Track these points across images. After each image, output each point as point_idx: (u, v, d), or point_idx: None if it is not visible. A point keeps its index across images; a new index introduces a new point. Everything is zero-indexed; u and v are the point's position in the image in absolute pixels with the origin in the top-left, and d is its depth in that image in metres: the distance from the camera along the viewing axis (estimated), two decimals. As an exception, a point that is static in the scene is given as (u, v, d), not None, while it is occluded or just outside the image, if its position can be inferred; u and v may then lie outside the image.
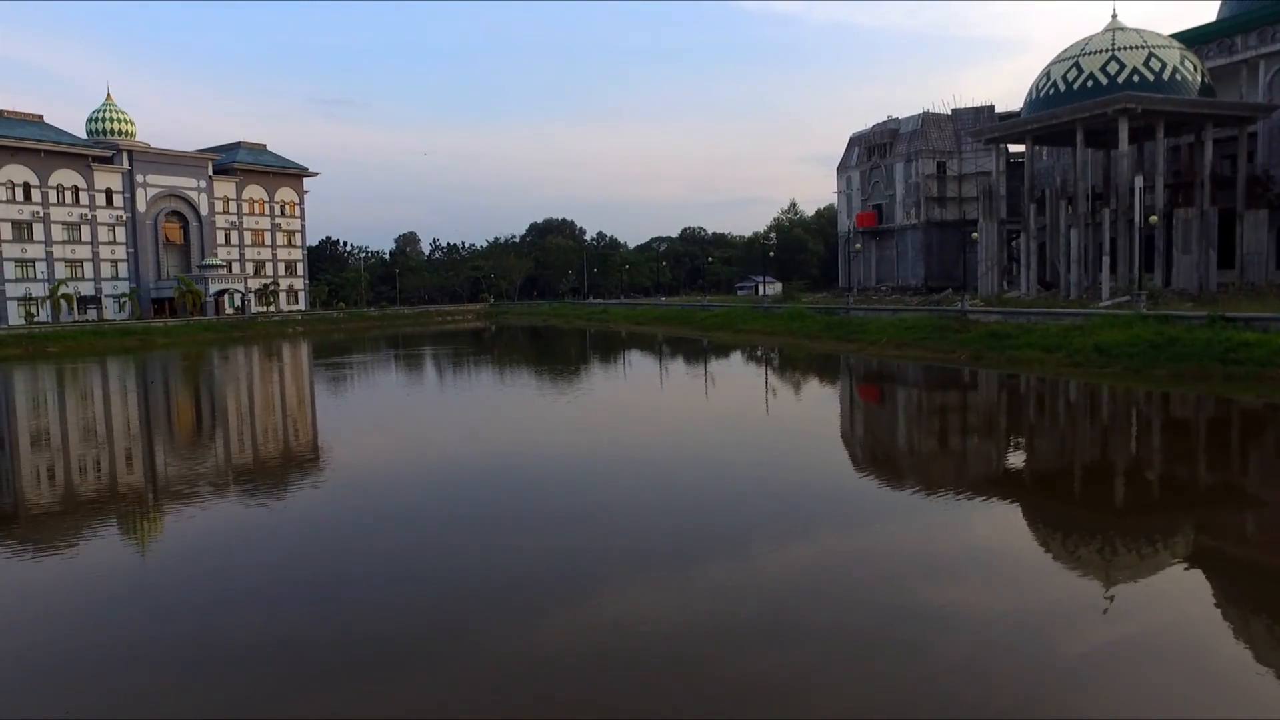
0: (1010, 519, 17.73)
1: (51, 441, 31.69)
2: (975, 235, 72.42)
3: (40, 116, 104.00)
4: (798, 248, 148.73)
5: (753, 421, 31.22)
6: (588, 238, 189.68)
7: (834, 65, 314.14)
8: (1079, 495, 20.00)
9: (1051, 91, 64.42)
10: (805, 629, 11.91)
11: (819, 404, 37.28)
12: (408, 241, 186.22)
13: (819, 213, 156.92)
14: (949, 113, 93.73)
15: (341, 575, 14.99)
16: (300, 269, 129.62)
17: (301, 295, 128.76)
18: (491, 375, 53.11)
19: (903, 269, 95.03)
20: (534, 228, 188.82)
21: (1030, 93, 67.95)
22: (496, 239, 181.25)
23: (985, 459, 24.62)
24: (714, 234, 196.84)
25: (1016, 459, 25.01)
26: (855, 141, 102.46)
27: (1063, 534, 16.81)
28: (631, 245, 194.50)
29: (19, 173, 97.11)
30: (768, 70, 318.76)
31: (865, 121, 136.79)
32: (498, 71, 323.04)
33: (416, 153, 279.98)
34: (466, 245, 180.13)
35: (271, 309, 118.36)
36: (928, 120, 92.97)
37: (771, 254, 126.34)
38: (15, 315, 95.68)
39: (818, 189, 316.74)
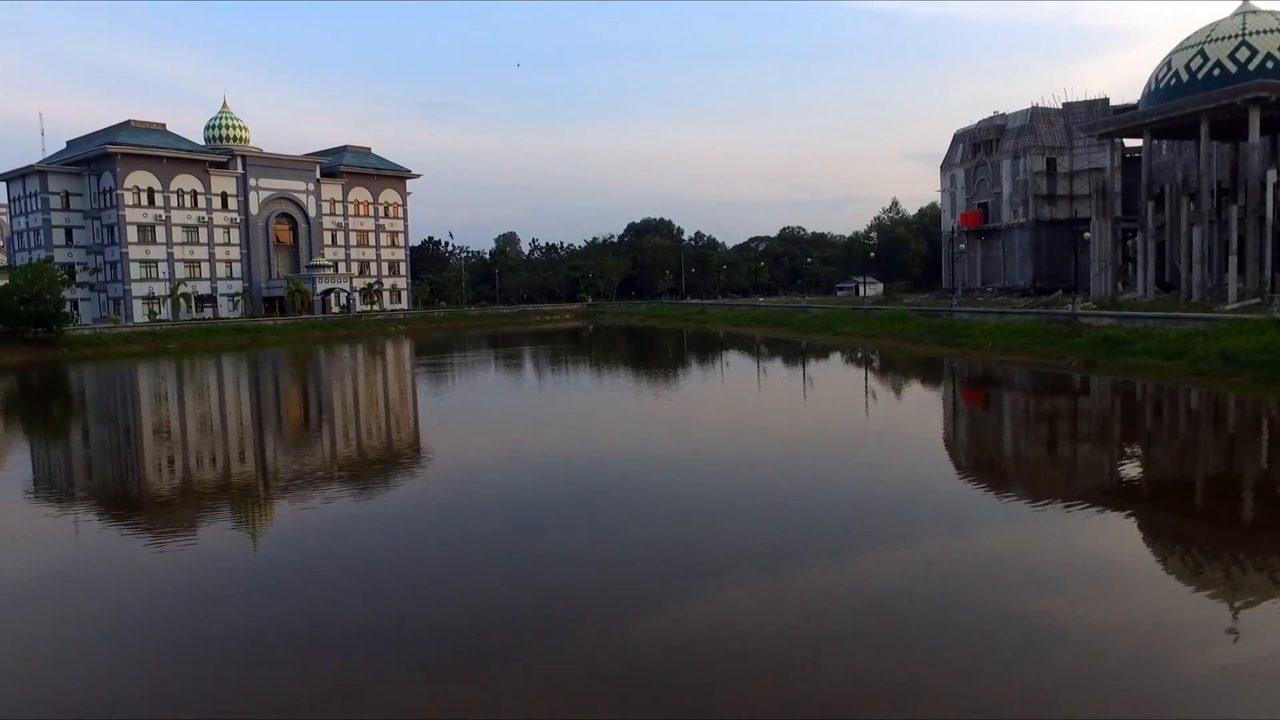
0: (1125, 531, 16.92)
1: (171, 433, 33.24)
2: (1087, 235, 69.62)
3: (163, 125, 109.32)
4: (899, 247, 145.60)
5: (852, 424, 30.66)
6: (685, 237, 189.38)
7: (937, 60, 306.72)
8: (1202, 510, 18.85)
9: (1173, 82, 61.46)
10: (906, 633, 11.58)
11: (921, 408, 36.38)
12: (508, 241, 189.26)
13: (921, 212, 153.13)
14: (1059, 107, 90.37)
15: (440, 567, 15.28)
16: (403, 269, 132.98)
17: (404, 294, 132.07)
18: (589, 374, 53.53)
19: (1009, 270, 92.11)
20: (632, 227, 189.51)
21: (1149, 84, 65.00)
22: (595, 239, 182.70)
23: (1098, 469, 23.55)
24: (813, 233, 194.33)
25: (1132, 470, 23.81)
26: (960, 138, 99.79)
27: (1183, 549, 15.93)
28: (729, 245, 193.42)
29: (144, 178, 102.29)
30: (868, 66, 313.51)
31: (970, 118, 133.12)
32: (595, 72, 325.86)
33: (517, 154, 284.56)
34: (565, 245, 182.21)
35: (375, 308, 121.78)
36: (1037, 115, 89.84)
37: (872, 254, 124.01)
38: (140, 313, 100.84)
39: (920, 187, 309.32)
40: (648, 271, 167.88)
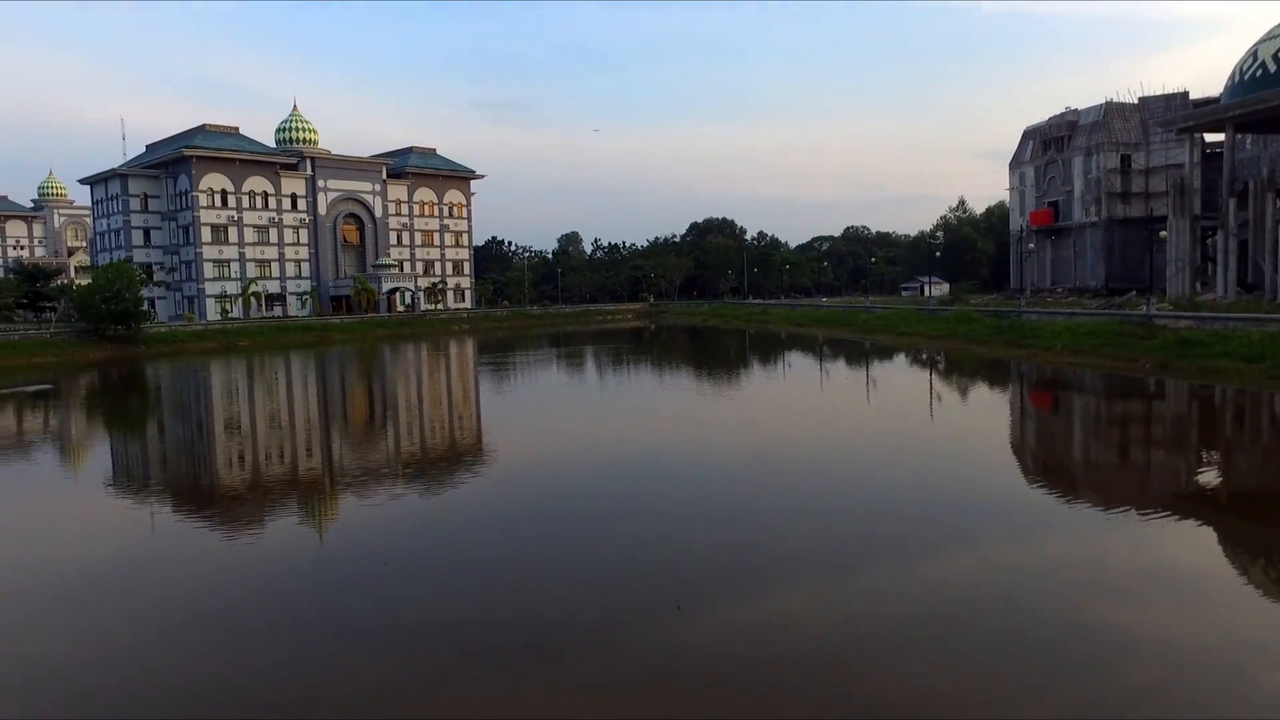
0: (1203, 541, 16.31)
1: (242, 428, 34.08)
2: (1163, 233, 67.49)
3: (236, 128, 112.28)
4: (966, 247, 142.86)
5: (916, 426, 30.16)
6: (748, 237, 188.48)
7: (1006, 55, 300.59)
8: (1283, 516, 18.21)
9: (1259, 73, 59.24)
10: (970, 640, 11.34)
11: (987, 411, 35.62)
12: (570, 241, 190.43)
13: (989, 210, 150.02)
14: (1135, 102, 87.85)
15: (503, 563, 15.40)
16: (467, 268, 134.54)
17: (468, 293, 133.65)
18: (650, 374, 53.56)
19: (1080, 270, 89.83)
20: (694, 227, 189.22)
21: (1232, 75, 62.77)
22: (657, 238, 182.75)
23: (1174, 475, 22.79)
24: (878, 233, 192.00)
25: (1211, 477, 22.93)
26: (1029, 135, 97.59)
27: (1266, 561, 15.31)
28: (792, 244, 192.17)
29: (218, 180, 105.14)
30: (935, 63, 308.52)
31: (1040, 114, 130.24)
32: (657, 72, 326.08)
33: (579, 154, 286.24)
34: (627, 245, 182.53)
35: (439, 307, 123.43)
36: (1111, 110, 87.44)
37: (938, 254, 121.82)
38: (212, 311, 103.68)
39: (988, 186, 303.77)
40: (710, 271, 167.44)
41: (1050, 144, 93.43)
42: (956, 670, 10.45)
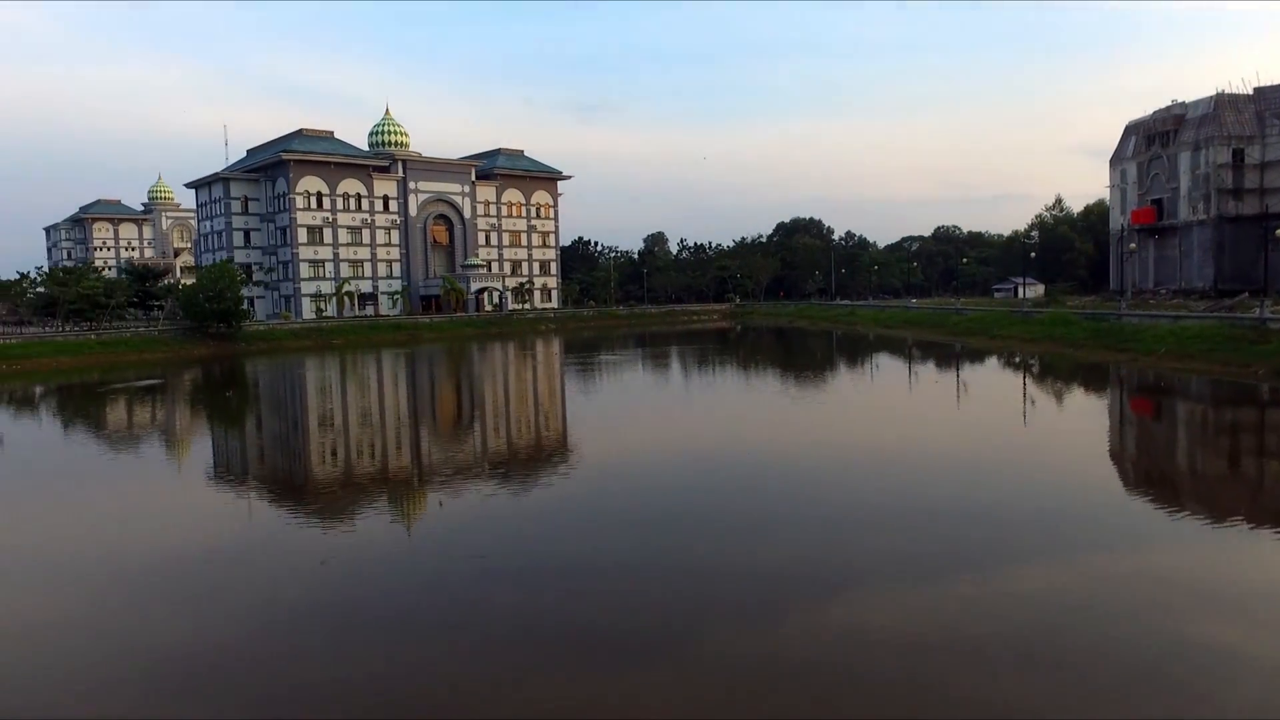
0: (1317, 554, 15.46)
1: (335, 424, 35.05)
2: None
3: (331, 132, 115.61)
4: (1063, 247, 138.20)
5: (1008, 432, 29.30)
6: (836, 237, 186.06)
7: (1106, 46, 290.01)
8: None
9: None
10: (1062, 654, 10.93)
11: (1084, 417, 34.34)
12: (656, 241, 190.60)
13: (1088, 209, 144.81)
14: (1249, 93, 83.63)
15: (584, 563, 15.48)
16: (554, 268, 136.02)
17: (554, 293, 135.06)
18: (736, 375, 53.27)
19: (1186, 270, 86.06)
20: (781, 227, 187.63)
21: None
22: (743, 239, 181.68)
23: (1286, 484, 21.67)
24: (969, 233, 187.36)
25: (1326, 486, 21.80)
26: (1131, 130, 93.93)
27: (1386, 576, 14.42)
28: (881, 245, 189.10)
29: (313, 183, 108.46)
30: (1029, 56, 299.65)
31: (1144, 107, 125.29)
32: (744, 72, 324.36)
33: (666, 154, 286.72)
34: (713, 245, 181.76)
35: (526, 306, 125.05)
36: (1222, 102, 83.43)
37: (1033, 254, 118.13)
38: (307, 310, 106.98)
39: (1087, 183, 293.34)
40: (797, 272, 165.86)
41: (1154, 139, 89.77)
42: (1044, 686, 10.10)
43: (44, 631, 12.98)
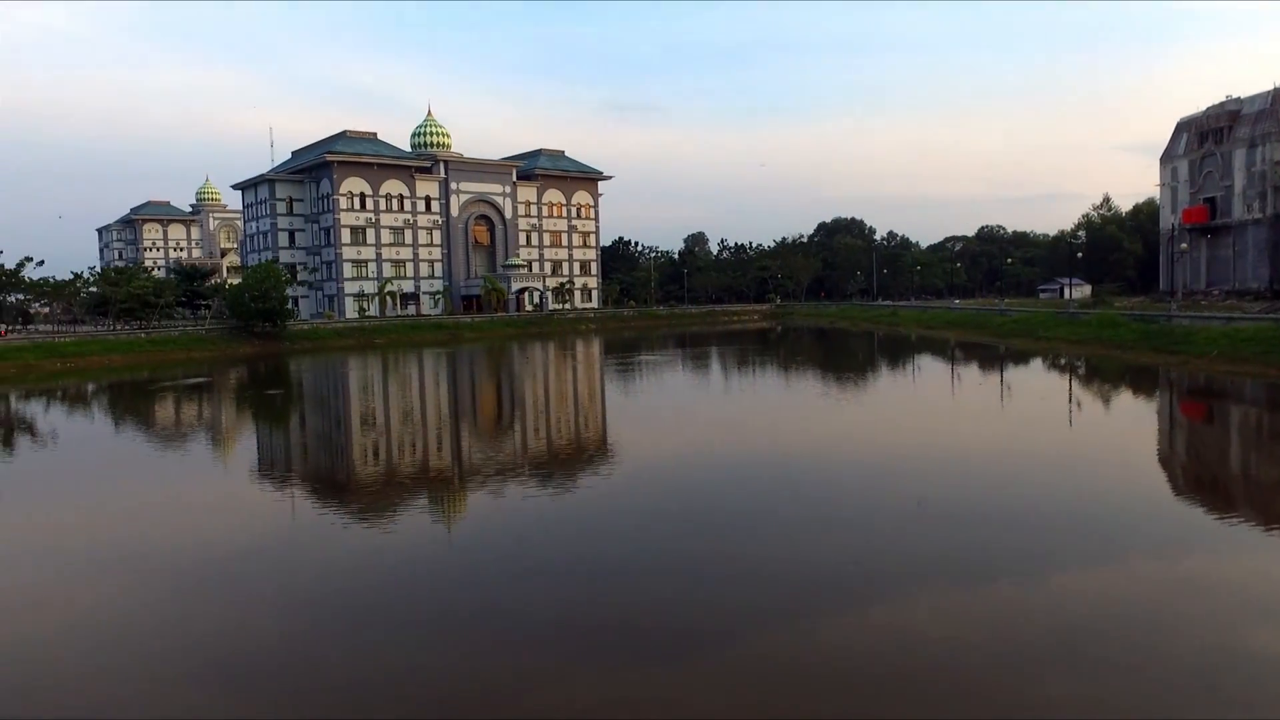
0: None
1: (376, 422, 35.40)
2: (1335, 232, 62.49)
3: (374, 134, 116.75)
4: (1110, 247, 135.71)
5: (1052, 435, 28.80)
6: (878, 237, 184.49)
7: (1157, 42, 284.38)
8: None
9: None
10: (1106, 659, 10.72)
11: (1132, 420, 33.64)
12: (696, 241, 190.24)
13: (1136, 208, 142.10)
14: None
15: (622, 563, 15.49)
16: (594, 268, 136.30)
17: (594, 294, 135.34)
18: (776, 376, 53.00)
19: (1240, 271, 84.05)
20: (822, 227, 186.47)
21: None
22: (784, 239, 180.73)
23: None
24: (1014, 232, 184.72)
25: (1385, 492, 21.15)
26: (1183, 127, 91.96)
27: None
28: (923, 245, 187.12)
29: (357, 184, 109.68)
30: (1077, 52, 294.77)
31: (1196, 104, 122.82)
32: (784, 70, 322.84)
33: (706, 154, 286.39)
34: (754, 245, 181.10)
35: (567, 306, 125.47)
36: (1279, 98, 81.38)
37: (1079, 254, 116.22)
38: (350, 309, 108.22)
39: (1136, 182, 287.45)
40: (838, 272, 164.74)
41: (1207, 136, 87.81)
42: (1088, 691, 9.89)
43: (95, 623, 13.24)
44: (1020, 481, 21.42)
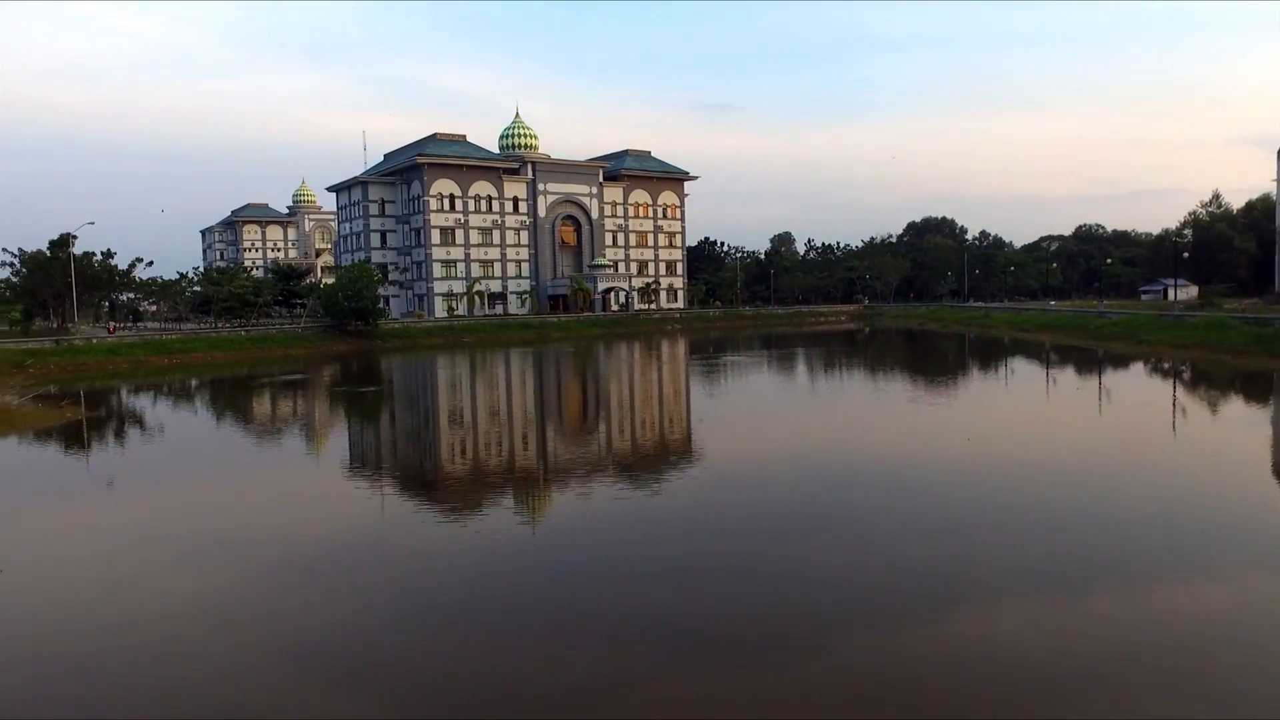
0: None
1: (464, 420, 35.97)
2: None
3: (464, 136, 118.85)
4: (1220, 246, 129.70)
5: (1153, 443, 27.64)
6: (969, 237, 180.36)
7: (1273, 30, 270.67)
8: None
9: None
10: (1206, 679, 10.29)
11: (1243, 428, 31.92)
12: (782, 241, 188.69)
13: (1250, 204, 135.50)
14: None
15: (706, 567, 15.37)
16: (679, 269, 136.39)
17: (680, 294, 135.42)
18: (863, 379, 52.16)
19: (1361, 271, 79.46)
20: (912, 227, 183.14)
21: None
22: (872, 239, 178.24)
23: None
24: (1114, 231, 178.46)
25: None
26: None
27: None
28: (1017, 244, 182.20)
29: (447, 186, 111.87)
30: (1181, 43, 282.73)
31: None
32: (871, 67, 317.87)
33: (792, 153, 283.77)
34: (841, 245, 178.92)
35: (652, 306, 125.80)
36: (1404, 92, 76.66)
37: (1185, 254, 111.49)
38: (439, 309, 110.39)
39: (1250, 176, 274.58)
40: (927, 272, 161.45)
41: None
42: (1185, 712, 9.42)
43: (195, 609, 13.71)
44: (1119, 490, 20.58)
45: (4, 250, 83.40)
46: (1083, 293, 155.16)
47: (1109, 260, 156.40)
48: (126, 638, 12.60)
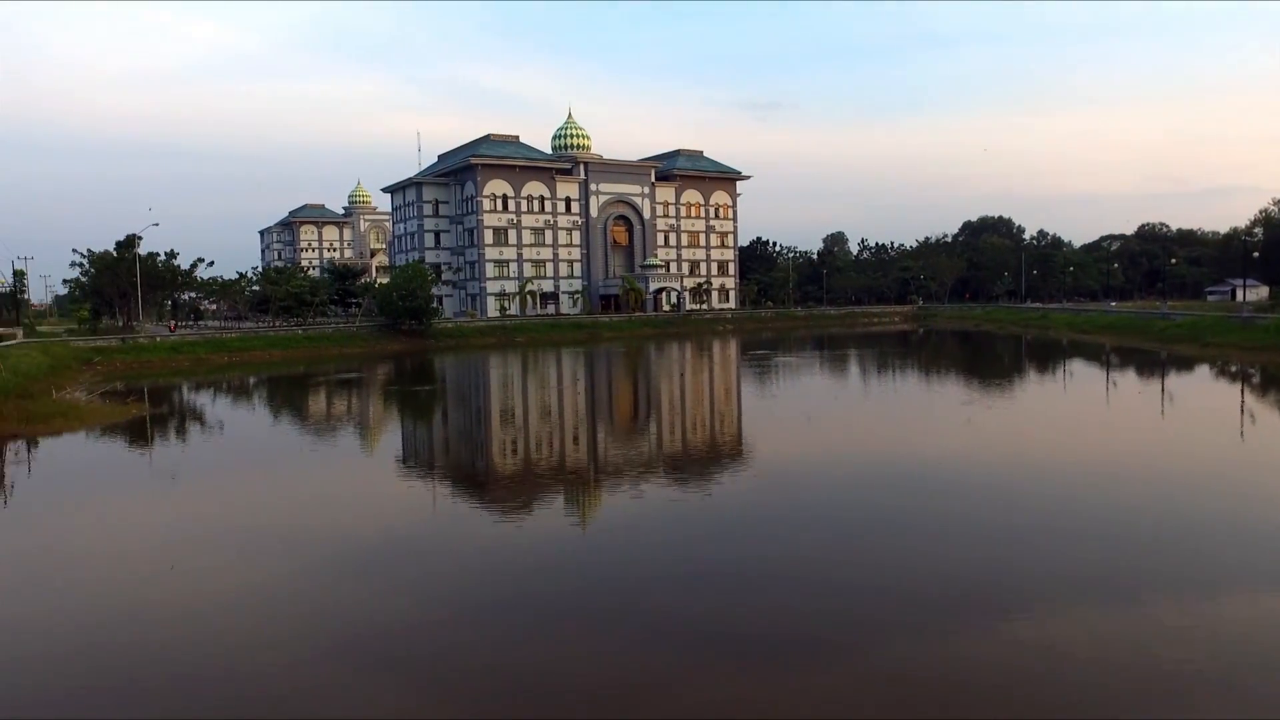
0: None
1: (515, 419, 36.23)
2: None
3: (516, 137, 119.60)
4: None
5: (1221, 449, 26.87)
6: (1026, 236, 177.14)
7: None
8: None
9: None
10: (1271, 693, 9.92)
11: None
12: (835, 241, 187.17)
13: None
14: None
15: (755, 568, 15.34)
16: (731, 269, 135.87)
17: (732, 294, 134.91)
18: (916, 381, 51.52)
19: None
20: (967, 226, 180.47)
21: None
22: (926, 238, 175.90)
23: None
24: (1178, 230, 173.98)
25: None
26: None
27: None
28: (1076, 244, 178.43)
29: (499, 186, 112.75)
30: (1251, 36, 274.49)
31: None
32: (924, 65, 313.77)
33: (845, 152, 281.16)
34: (895, 245, 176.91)
35: (704, 307, 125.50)
36: None
37: (1255, 253, 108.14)
38: (491, 308, 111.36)
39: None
40: (983, 273, 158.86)
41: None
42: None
43: (249, 603, 14.02)
44: (1182, 497, 20.09)
45: (74, 251, 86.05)
46: (1145, 293, 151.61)
47: (1173, 260, 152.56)
48: (184, 626, 12.91)
